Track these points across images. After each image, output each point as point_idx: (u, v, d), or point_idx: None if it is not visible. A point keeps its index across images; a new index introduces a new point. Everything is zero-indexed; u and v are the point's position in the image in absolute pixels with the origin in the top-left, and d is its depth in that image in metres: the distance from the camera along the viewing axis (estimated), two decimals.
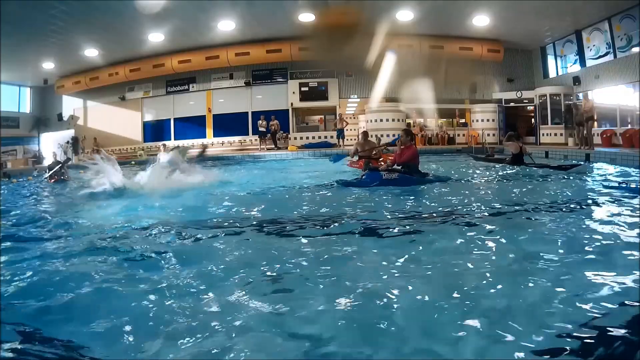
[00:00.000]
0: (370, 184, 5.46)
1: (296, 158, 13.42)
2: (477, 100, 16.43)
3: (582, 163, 7.87)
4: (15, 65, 15.23)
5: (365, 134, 8.66)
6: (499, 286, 2.07)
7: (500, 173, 7.18)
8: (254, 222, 3.69)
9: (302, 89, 16.76)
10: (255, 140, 16.26)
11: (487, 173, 7.39)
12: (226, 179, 7.28)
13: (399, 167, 5.83)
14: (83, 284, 2.23)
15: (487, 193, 5.19)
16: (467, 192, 5.23)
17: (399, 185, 5.44)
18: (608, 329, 1.62)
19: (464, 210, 4.04)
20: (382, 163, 6.56)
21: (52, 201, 6.24)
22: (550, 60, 15.54)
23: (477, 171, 7.75)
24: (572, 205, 4.13)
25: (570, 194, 4.87)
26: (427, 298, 1.96)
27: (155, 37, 14.25)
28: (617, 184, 5.22)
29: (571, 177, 6.29)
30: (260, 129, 15.66)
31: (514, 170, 7.28)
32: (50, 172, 8.78)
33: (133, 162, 12.29)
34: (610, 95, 12.87)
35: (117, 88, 17.89)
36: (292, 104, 16.85)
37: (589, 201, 4.31)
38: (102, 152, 6.77)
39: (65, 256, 2.81)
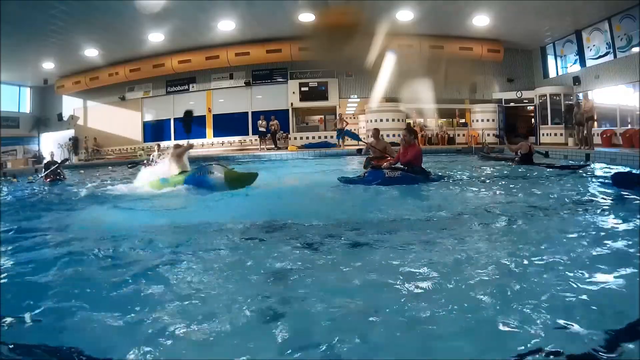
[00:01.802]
0: (372, 182, 5.41)
1: (296, 158, 13.43)
2: (477, 100, 16.43)
3: (589, 164, 7.76)
4: (15, 65, 15.24)
5: (376, 131, 7.78)
6: (502, 286, 2.06)
7: (506, 173, 7.11)
8: (255, 222, 3.68)
9: (302, 89, 16.77)
10: (255, 140, 16.27)
11: (494, 173, 7.32)
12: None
13: (401, 166, 5.75)
14: (83, 284, 2.23)
15: (493, 192, 5.15)
16: (472, 191, 5.19)
17: (402, 184, 5.38)
18: (608, 327, 1.62)
19: (469, 209, 4.01)
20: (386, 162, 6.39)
21: (48, 201, 6.21)
22: (550, 60, 15.54)
23: (483, 171, 7.63)
24: (575, 206, 4.11)
25: (573, 194, 4.84)
26: (433, 298, 1.96)
27: (155, 37, 14.26)
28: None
29: (576, 177, 6.24)
30: (260, 129, 15.66)
31: (521, 170, 7.21)
32: (47, 172, 8.70)
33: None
34: (610, 95, 12.88)
35: (117, 88, 17.91)
36: (292, 104, 16.86)
37: (593, 201, 4.31)
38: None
39: (65, 257, 2.81)
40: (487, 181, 6.25)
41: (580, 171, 6.78)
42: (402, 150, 5.88)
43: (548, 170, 7.08)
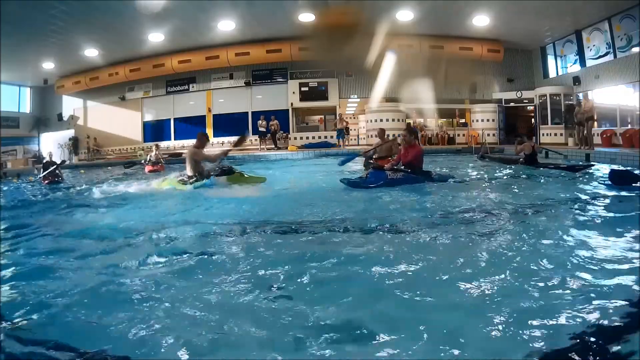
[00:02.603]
0: (375, 184, 5.36)
1: (295, 158, 13.43)
2: (477, 100, 16.44)
3: (593, 164, 7.63)
4: (15, 65, 15.25)
5: (381, 131, 7.57)
6: (504, 286, 2.07)
7: (510, 173, 7.10)
8: (256, 224, 3.67)
9: (302, 89, 16.78)
10: (256, 140, 16.26)
11: (498, 173, 7.27)
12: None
13: (403, 167, 5.72)
14: (85, 285, 2.23)
15: (496, 193, 5.13)
16: (475, 192, 5.16)
17: (405, 184, 5.35)
18: (607, 328, 1.62)
19: (473, 210, 3.99)
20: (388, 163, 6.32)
21: (48, 202, 6.20)
22: (550, 60, 15.55)
23: (486, 172, 7.56)
24: (576, 205, 4.12)
25: (574, 193, 4.85)
26: (434, 298, 1.96)
27: (155, 37, 14.27)
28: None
29: (581, 178, 6.25)
30: (260, 129, 15.66)
31: (526, 170, 7.19)
32: (45, 173, 8.64)
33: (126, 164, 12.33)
34: (610, 95, 12.88)
35: (117, 88, 17.91)
36: (292, 104, 16.86)
37: (594, 201, 4.31)
38: None
39: (66, 256, 2.81)
40: (491, 182, 6.22)
41: (585, 171, 6.73)
42: (402, 151, 5.84)
43: (552, 171, 7.03)
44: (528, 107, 16.47)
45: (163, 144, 17.57)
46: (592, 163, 7.80)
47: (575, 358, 1.45)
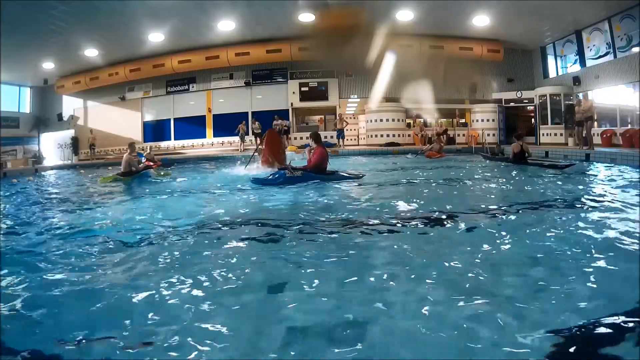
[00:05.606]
0: (276, 181, 5.94)
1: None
2: (477, 100, 16.44)
3: (575, 163, 8.08)
4: (15, 65, 15.25)
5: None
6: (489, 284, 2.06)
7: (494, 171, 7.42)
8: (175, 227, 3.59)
9: (302, 89, 16.79)
10: (251, 141, 16.19)
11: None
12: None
13: (303, 166, 6.34)
14: (84, 286, 2.23)
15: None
16: (376, 191, 5.46)
17: (303, 181, 5.84)
18: (605, 328, 1.61)
19: (359, 209, 4.16)
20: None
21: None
22: (550, 60, 15.54)
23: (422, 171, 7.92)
24: (566, 205, 4.11)
25: (566, 192, 4.87)
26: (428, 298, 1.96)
27: (155, 37, 14.27)
28: (615, 183, 5.23)
29: (568, 176, 6.33)
30: (255, 130, 15.54)
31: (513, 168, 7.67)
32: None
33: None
34: (610, 95, 12.88)
35: (117, 88, 17.93)
36: (292, 104, 16.86)
37: (584, 200, 4.30)
38: None
39: (66, 259, 2.81)
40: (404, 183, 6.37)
41: (567, 170, 7.12)
42: (308, 157, 6.58)
43: (536, 168, 7.51)
44: (528, 107, 16.47)
45: (163, 144, 17.63)
46: (573, 163, 8.16)
47: (575, 358, 1.45)
